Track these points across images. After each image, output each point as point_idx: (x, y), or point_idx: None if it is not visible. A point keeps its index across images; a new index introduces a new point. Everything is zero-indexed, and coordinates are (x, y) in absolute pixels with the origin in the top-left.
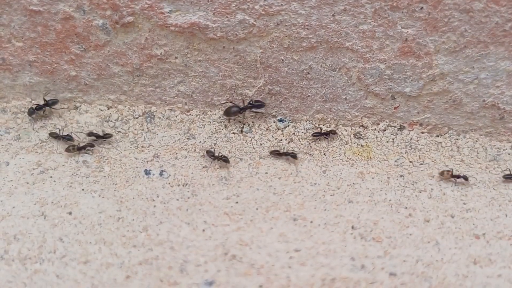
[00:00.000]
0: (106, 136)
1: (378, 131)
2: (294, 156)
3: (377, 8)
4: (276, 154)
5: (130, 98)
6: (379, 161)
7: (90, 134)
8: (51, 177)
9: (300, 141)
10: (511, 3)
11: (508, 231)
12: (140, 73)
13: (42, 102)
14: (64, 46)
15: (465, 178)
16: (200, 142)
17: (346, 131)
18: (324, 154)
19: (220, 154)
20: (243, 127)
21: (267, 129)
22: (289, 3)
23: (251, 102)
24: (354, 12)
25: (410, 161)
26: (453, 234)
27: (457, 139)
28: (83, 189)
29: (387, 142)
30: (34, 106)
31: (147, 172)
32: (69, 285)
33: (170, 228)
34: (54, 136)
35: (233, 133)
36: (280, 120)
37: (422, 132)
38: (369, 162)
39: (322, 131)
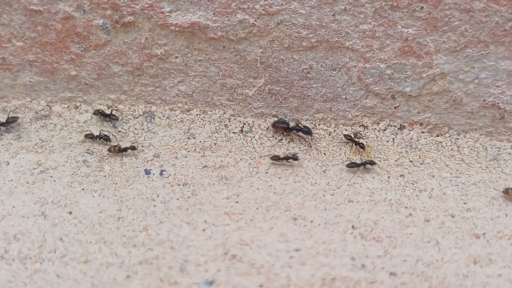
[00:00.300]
0: (113, 117)
1: (378, 131)
2: (372, 163)
3: (377, 7)
4: (353, 166)
5: (130, 98)
6: (379, 160)
7: (97, 112)
8: (51, 176)
9: (300, 141)
10: (511, 3)
11: (508, 231)
12: (140, 73)
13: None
14: (64, 45)
15: None
16: (200, 141)
17: (346, 130)
18: (324, 153)
19: (288, 154)
20: (243, 127)
21: (267, 129)
22: (289, 2)
23: (299, 126)
24: (354, 11)
25: (410, 161)
26: (453, 234)
27: (457, 139)
28: (83, 189)
29: (387, 141)
30: None
31: (147, 172)
32: (69, 285)
33: (170, 227)
34: (90, 137)
35: (233, 132)
36: None
37: (423, 132)
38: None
39: (354, 138)
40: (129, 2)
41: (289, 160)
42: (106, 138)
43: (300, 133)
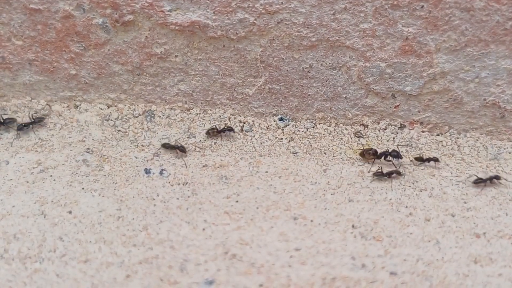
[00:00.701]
0: (8, 121)
1: (379, 130)
2: (498, 177)
3: (378, 6)
4: (479, 181)
5: (130, 97)
6: (380, 160)
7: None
8: (51, 176)
9: (300, 140)
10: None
11: (508, 230)
12: (140, 72)
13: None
14: (64, 44)
15: None
16: (200, 141)
17: (347, 130)
18: (325, 153)
19: (391, 170)
20: (243, 126)
21: (267, 128)
22: (290, 1)
23: (388, 151)
24: (354, 10)
25: (411, 160)
26: (454, 233)
27: (457, 138)
28: (83, 188)
29: (388, 141)
30: None
31: (147, 171)
32: (69, 284)
33: (170, 227)
34: (167, 146)
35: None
36: (281, 119)
37: (423, 131)
38: (370, 161)
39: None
40: (129, 1)
41: (393, 175)
42: (182, 149)
43: (390, 158)
